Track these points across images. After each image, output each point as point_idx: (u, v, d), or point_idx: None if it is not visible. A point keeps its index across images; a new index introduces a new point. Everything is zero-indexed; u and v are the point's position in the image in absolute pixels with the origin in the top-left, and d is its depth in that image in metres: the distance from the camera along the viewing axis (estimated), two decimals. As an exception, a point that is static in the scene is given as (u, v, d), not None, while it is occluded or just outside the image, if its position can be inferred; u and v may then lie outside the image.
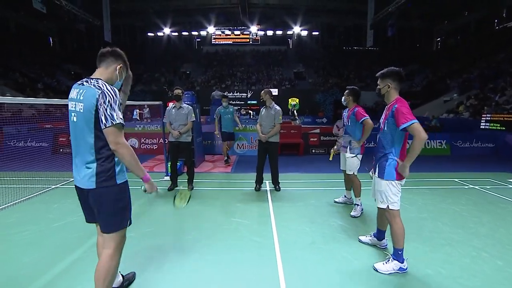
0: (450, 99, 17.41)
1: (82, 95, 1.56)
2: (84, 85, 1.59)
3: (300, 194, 4.39)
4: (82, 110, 1.55)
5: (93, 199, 1.63)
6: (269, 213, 3.58)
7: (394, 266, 2.28)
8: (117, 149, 1.55)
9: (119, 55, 1.72)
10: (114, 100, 1.54)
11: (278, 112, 4.29)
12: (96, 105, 1.52)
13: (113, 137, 1.54)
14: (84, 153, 1.60)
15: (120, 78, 1.76)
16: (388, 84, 2.27)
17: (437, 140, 7.99)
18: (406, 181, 2.40)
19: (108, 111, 1.52)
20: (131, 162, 1.60)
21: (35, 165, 5.79)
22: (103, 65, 1.68)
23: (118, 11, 23.61)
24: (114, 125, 1.53)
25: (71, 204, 3.85)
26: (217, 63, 28.61)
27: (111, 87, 1.58)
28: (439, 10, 25.06)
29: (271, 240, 2.85)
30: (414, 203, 3.95)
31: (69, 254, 2.56)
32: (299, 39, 30.40)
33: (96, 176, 1.58)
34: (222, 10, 27.54)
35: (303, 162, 6.91)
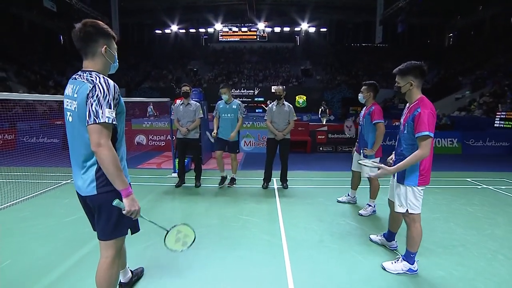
0: (462, 97, 17.00)
1: (76, 92, 1.38)
2: (77, 80, 1.41)
3: (308, 192, 4.35)
4: (76, 109, 1.39)
5: (93, 205, 1.50)
6: (277, 210, 3.56)
7: (403, 267, 2.23)
8: (98, 151, 1.34)
9: (97, 33, 1.42)
10: (104, 95, 1.34)
11: (291, 109, 4.27)
12: (86, 101, 1.34)
13: (94, 136, 1.33)
14: (82, 156, 1.44)
15: (112, 58, 1.51)
16: (410, 82, 2.02)
17: (448, 138, 7.79)
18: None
19: (94, 107, 1.32)
20: (111, 169, 1.35)
21: (47, 161, 5.90)
22: (88, 55, 1.44)
23: (126, 9, 23.79)
24: (97, 123, 1.32)
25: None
26: (224, 60, 28.60)
27: (106, 81, 1.38)
28: (452, 5, 24.37)
29: (279, 238, 2.83)
30: (425, 203, 3.84)
31: (81, 248, 2.60)
32: (307, 35, 30.08)
33: (96, 181, 1.44)
34: (230, 7, 27.44)
35: (310, 160, 6.86)
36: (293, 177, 5.19)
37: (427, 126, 1.90)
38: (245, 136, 7.78)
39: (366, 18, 26.31)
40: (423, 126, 1.91)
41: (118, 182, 1.39)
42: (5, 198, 3.76)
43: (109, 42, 1.48)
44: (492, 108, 12.74)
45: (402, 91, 2.07)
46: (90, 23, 1.41)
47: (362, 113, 3.43)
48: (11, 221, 3.20)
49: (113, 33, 1.50)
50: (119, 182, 1.39)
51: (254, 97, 23.63)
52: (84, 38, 1.40)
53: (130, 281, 2.06)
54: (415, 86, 2.02)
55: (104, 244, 1.55)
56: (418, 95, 2.04)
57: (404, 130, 2.10)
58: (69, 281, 2.14)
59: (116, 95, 1.41)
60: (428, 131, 1.91)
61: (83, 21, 1.43)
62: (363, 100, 3.40)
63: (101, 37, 1.44)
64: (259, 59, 28.44)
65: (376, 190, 3.39)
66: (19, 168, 5.44)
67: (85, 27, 1.40)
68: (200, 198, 4.06)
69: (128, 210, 1.43)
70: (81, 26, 1.40)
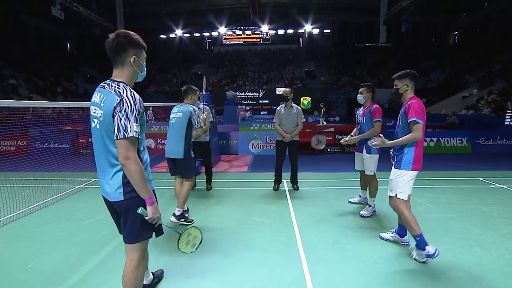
0: (470, 95, 16.77)
1: (103, 101, 1.43)
2: (105, 89, 1.45)
3: (318, 194, 4.36)
4: (102, 118, 1.44)
5: (120, 210, 1.54)
6: (289, 212, 3.58)
7: (419, 257, 2.38)
8: (126, 164, 1.40)
9: (127, 42, 1.47)
10: (132, 110, 1.39)
11: (300, 111, 4.30)
12: (113, 113, 1.39)
13: (123, 150, 1.39)
14: (108, 163, 1.49)
15: (140, 68, 1.56)
16: (406, 84, 2.47)
17: (457, 137, 7.72)
18: (427, 179, 2.35)
19: (123, 121, 1.38)
20: (138, 180, 1.43)
21: (59, 166, 6.01)
22: (118, 64, 1.50)
23: (131, 14, 24.15)
24: (126, 138, 1.38)
25: (96, 203, 3.98)
26: (228, 63, 28.77)
27: (133, 95, 1.42)
28: (457, 3, 24.15)
29: (294, 239, 2.85)
30: (437, 203, 3.84)
31: (100, 250, 2.66)
32: (310, 37, 30.12)
33: (124, 187, 1.48)
34: (233, 10, 27.67)
35: (319, 161, 6.86)
36: (303, 178, 5.20)
37: (414, 113, 2.32)
38: (252, 138, 7.82)
39: (369, 18, 26.24)
40: (411, 113, 2.34)
41: (143, 192, 1.47)
42: (24, 203, 3.87)
43: (138, 52, 1.53)
44: (501, 106, 12.56)
45: (400, 92, 2.51)
46: (122, 34, 1.47)
47: (361, 112, 3.54)
48: (32, 225, 3.28)
49: (143, 43, 1.55)
50: (145, 192, 1.47)
51: (259, 99, 23.69)
52: (116, 48, 1.46)
53: (151, 282, 2.11)
54: (410, 88, 2.48)
55: (130, 247, 1.60)
56: (411, 94, 2.49)
57: (399, 123, 2.49)
58: (91, 284, 2.19)
59: (141, 109, 1.46)
60: (415, 117, 2.31)
61: (116, 31, 1.49)
62: (363, 101, 3.52)
63: (131, 47, 1.50)
64: (263, 61, 28.54)
65: (375, 189, 3.45)
66: (33, 174, 5.57)
67: (117, 38, 1.46)
68: (212, 201, 4.10)
69: (151, 217, 1.50)
70: (114, 36, 1.46)
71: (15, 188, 4.45)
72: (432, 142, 7.60)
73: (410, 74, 2.48)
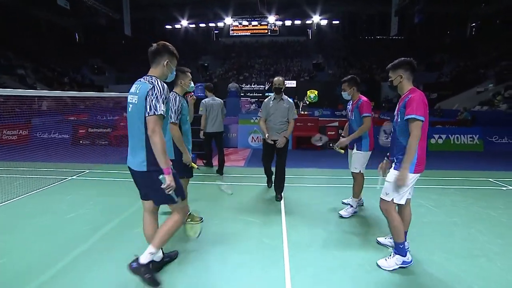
0: (485, 90, 15.99)
1: (138, 89, 1.81)
2: (141, 81, 1.86)
3: (316, 191, 4.15)
4: (136, 101, 1.81)
5: (143, 180, 1.90)
6: (281, 212, 3.39)
7: (397, 261, 2.23)
8: (152, 136, 1.74)
9: (164, 50, 1.91)
10: (161, 94, 1.77)
11: (292, 105, 3.63)
12: (146, 96, 1.75)
13: (152, 124, 1.74)
14: (137, 140, 1.85)
15: (170, 70, 1.97)
16: (400, 75, 2.19)
17: (468, 134, 7.30)
18: (432, 179, 2.10)
19: (153, 102, 1.75)
20: (159, 150, 1.76)
21: (56, 157, 5.97)
22: (154, 64, 1.91)
23: (137, 4, 23.90)
24: (155, 114, 1.74)
25: (83, 196, 3.89)
26: (235, 55, 28.36)
27: (162, 84, 1.82)
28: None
29: (280, 241, 2.66)
30: (442, 205, 3.57)
31: (77, 247, 2.54)
32: (319, 29, 29.28)
33: (147, 161, 1.81)
34: (240, 1, 27.05)
35: (320, 157, 6.61)
36: (301, 174, 4.99)
37: (414, 109, 2.02)
38: (252, 131, 7.61)
39: (380, 9, 25.21)
40: (410, 109, 2.04)
41: (162, 161, 1.77)
42: (11, 193, 3.80)
43: (171, 59, 1.96)
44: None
45: (394, 84, 2.24)
46: (162, 44, 1.92)
47: (350, 108, 3.28)
48: (14, 217, 3.20)
49: (176, 53, 1.98)
50: (163, 162, 1.77)
51: (265, 92, 23.30)
52: (155, 52, 1.90)
53: (161, 261, 2.21)
54: (405, 79, 2.18)
55: (171, 207, 1.98)
56: (409, 86, 2.19)
57: (398, 118, 2.20)
58: (60, 283, 2.07)
59: (167, 95, 1.84)
60: (415, 114, 2.02)
61: (158, 42, 1.94)
62: (348, 97, 3.29)
63: (167, 53, 1.93)
64: (270, 53, 28.01)
65: (360, 188, 3.23)
66: (31, 163, 5.54)
67: (158, 45, 1.91)
68: (203, 196, 3.94)
69: (168, 184, 1.77)
70: (156, 45, 1.91)
71: (10, 178, 4.41)
72: (441, 139, 7.21)
73: (404, 63, 2.18)
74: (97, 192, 4.04)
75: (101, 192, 4.08)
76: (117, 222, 3.08)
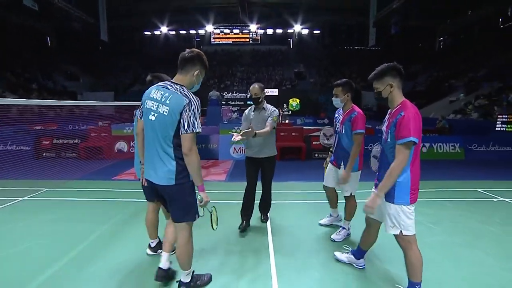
0: (457, 99, 16.80)
1: (169, 99, 1.68)
2: (169, 90, 1.72)
3: (303, 209, 3.80)
4: (166, 113, 1.67)
5: (169, 194, 1.79)
6: (267, 236, 2.99)
7: None
8: (189, 155, 1.68)
9: (198, 60, 1.79)
10: (198, 110, 1.69)
11: (275, 112, 3.06)
12: (182, 111, 1.65)
13: (189, 143, 1.67)
14: (160, 151, 1.73)
15: (198, 82, 1.85)
16: (389, 84, 1.83)
17: (450, 143, 7.37)
18: (424, 191, 1.85)
19: (192, 119, 1.66)
20: (196, 169, 1.72)
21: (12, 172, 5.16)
22: (183, 72, 1.78)
23: (116, 10, 23.04)
24: (193, 132, 1.68)
25: (34, 222, 3.26)
26: (217, 63, 28.03)
27: (196, 98, 1.72)
28: (441, 9, 24.39)
29: (268, 269, 2.25)
30: (440, 221, 3.33)
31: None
32: (300, 38, 29.84)
33: (176, 174, 1.72)
34: (222, 10, 26.99)
35: (305, 168, 6.31)
36: (286, 189, 4.64)
37: (412, 130, 1.69)
38: (234, 142, 7.18)
39: (359, 20, 26.18)
40: (406, 129, 1.69)
41: (198, 179, 1.76)
42: None
43: (202, 70, 1.84)
44: (488, 111, 12.49)
45: (384, 95, 1.86)
46: (197, 52, 1.80)
47: (340, 118, 2.77)
48: None
49: (207, 65, 1.87)
50: (199, 180, 1.77)
51: (247, 100, 23.08)
52: (188, 59, 1.77)
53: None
54: (395, 88, 1.84)
55: (179, 226, 1.87)
56: (401, 98, 1.84)
57: (388, 138, 1.86)
58: None
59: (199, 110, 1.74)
60: (412, 137, 1.69)
61: (193, 49, 1.81)
62: (340, 105, 2.75)
63: (200, 63, 1.81)
64: (252, 62, 28.02)
65: (353, 210, 2.86)
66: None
67: (193, 53, 1.78)
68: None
69: (205, 201, 1.82)
70: (190, 51, 1.79)
71: None
72: (425, 148, 7.21)
73: (390, 68, 1.83)
74: (52, 217, 3.42)
75: (58, 216, 3.45)
76: (70, 258, 2.52)
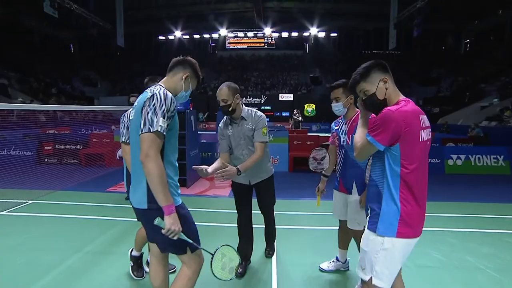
0: (489, 105, 15.44)
1: (137, 101, 1.44)
2: (144, 91, 1.47)
3: (318, 237, 3.12)
4: (133, 117, 1.44)
5: (144, 220, 1.51)
6: (271, 279, 2.35)
7: None
8: (145, 161, 1.28)
9: (190, 65, 1.54)
10: (161, 105, 1.31)
11: (261, 121, 2.20)
12: (142, 107, 1.34)
13: (145, 145, 1.29)
14: (136, 168, 1.42)
15: (186, 88, 1.54)
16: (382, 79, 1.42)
17: (491, 155, 6.37)
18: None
19: (150, 115, 1.30)
20: (156, 183, 1.29)
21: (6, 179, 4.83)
22: (170, 73, 1.54)
23: (132, 15, 23.55)
24: (150, 131, 1.29)
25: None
26: (231, 68, 27.99)
27: (166, 93, 1.37)
28: (467, 10, 22.88)
29: None
30: (509, 268, 2.54)
31: None
32: (316, 42, 29.17)
33: (148, 196, 1.37)
34: (237, 15, 26.96)
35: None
36: (299, 209, 3.98)
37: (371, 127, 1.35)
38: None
39: (378, 24, 25.21)
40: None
41: (160, 197, 1.31)
42: None
43: (193, 77, 1.56)
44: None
45: (379, 96, 1.40)
46: (189, 59, 1.56)
47: (345, 129, 2.11)
48: None
49: (200, 75, 1.61)
50: (162, 197, 1.32)
51: (261, 105, 22.62)
52: (180, 61, 1.53)
53: None
54: (390, 83, 1.42)
55: (181, 258, 1.49)
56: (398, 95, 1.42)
57: None
58: None
59: (172, 107, 1.37)
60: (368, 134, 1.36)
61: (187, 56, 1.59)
62: (343, 111, 2.10)
63: (191, 68, 1.54)
64: (267, 66, 27.68)
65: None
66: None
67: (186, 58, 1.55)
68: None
69: (167, 229, 1.31)
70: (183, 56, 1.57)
71: None
72: (460, 160, 6.28)
73: (375, 64, 1.45)
74: (19, 241, 2.91)
75: (26, 239, 2.96)
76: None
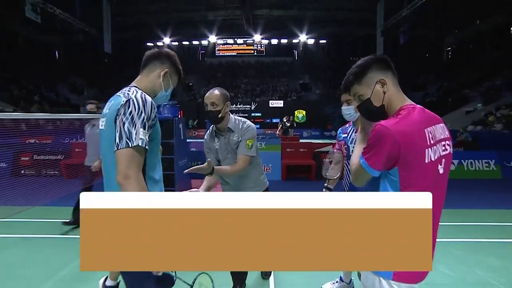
0: (474, 110, 15.86)
1: (108, 108, 1.16)
2: (115, 95, 1.19)
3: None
4: (104, 126, 1.16)
5: None
6: None
7: None
8: (124, 184, 1.03)
9: (167, 58, 1.27)
10: (139, 113, 1.07)
11: (247, 132, 1.93)
12: (116, 117, 1.09)
13: (123, 165, 1.04)
14: (109, 184, 1.18)
15: (166, 87, 1.27)
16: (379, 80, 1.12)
17: (483, 159, 6.40)
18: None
19: (126, 126, 1.06)
20: None
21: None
22: (144, 71, 1.27)
23: (119, 22, 23.15)
24: (130, 147, 1.04)
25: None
26: (221, 75, 27.88)
27: (144, 97, 1.12)
28: (447, 19, 23.83)
29: None
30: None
31: None
32: (305, 49, 29.55)
33: None
34: (226, 22, 27.02)
35: (316, 191, 5.40)
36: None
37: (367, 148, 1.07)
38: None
39: (365, 31, 25.81)
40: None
41: None
42: None
43: (173, 73, 1.31)
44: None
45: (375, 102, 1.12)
46: (166, 50, 1.32)
47: (354, 137, 1.90)
48: None
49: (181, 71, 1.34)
50: None
51: (251, 112, 22.50)
52: (154, 55, 1.27)
53: None
54: (390, 85, 1.12)
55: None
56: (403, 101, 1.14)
57: None
58: None
59: (152, 114, 1.13)
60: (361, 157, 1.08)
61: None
62: (355, 116, 1.84)
63: (170, 63, 1.29)
64: (257, 73, 27.75)
65: None
66: None
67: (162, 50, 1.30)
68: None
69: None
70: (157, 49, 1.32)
71: None
72: (453, 165, 6.26)
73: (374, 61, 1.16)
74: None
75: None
76: None
